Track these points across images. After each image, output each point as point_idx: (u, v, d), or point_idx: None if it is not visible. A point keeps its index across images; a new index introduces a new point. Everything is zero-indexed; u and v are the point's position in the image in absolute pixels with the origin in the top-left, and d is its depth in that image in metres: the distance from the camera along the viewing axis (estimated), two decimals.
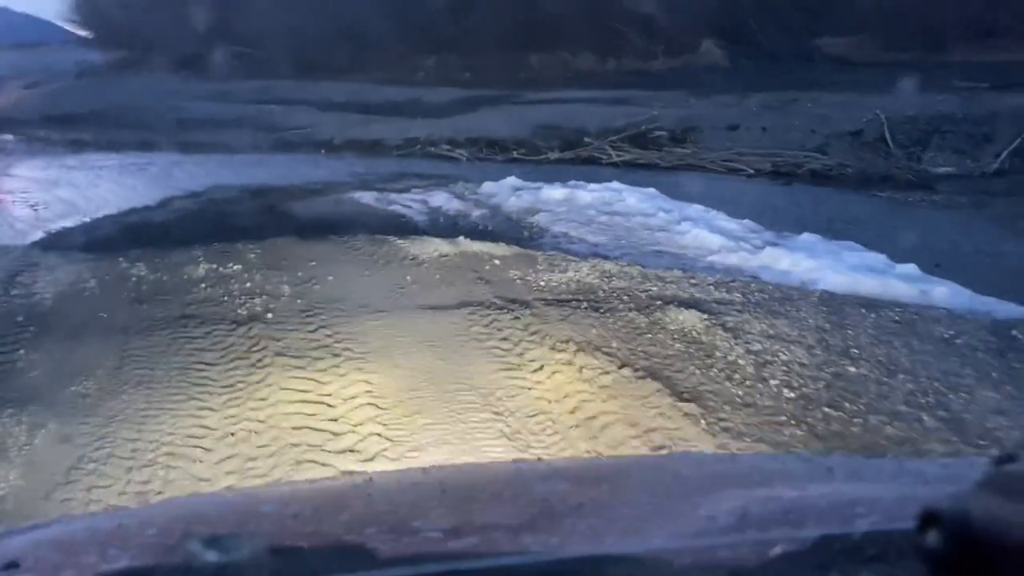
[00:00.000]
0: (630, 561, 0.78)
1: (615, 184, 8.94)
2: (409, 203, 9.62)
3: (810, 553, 0.74)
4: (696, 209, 7.76)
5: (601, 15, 19.14)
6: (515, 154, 13.77)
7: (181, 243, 7.51)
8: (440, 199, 9.62)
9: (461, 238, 6.79)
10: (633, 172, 12.05)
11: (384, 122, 16.27)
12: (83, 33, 42.68)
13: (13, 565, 0.85)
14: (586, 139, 13.58)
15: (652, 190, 8.81)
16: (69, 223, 9.74)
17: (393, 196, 9.85)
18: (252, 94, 21.47)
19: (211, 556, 0.74)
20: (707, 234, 6.65)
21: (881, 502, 0.99)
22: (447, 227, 7.95)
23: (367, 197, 10.04)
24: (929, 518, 0.57)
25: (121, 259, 6.99)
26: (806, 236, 6.70)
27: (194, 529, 0.89)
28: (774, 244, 6.52)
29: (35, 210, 10.65)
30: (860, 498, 1.00)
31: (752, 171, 11.44)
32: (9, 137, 17.18)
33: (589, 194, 8.55)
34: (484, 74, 20.44)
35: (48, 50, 49.29)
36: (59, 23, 48.34)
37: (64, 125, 18.87)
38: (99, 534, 1.04)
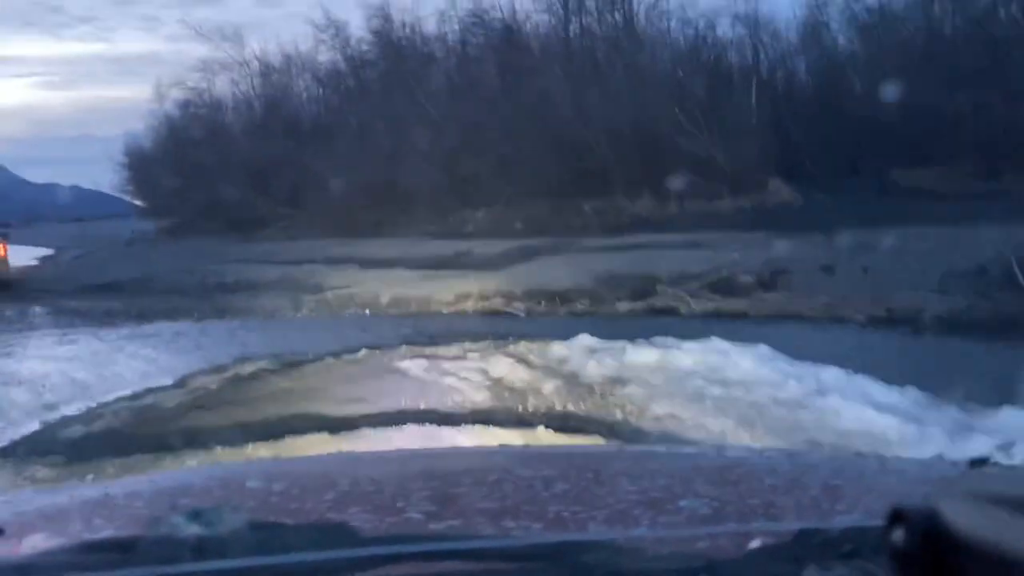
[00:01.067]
0: (610, 548, 0.77)
1: (717, 342, 7.29)
2: (465, 373, 8.05)
3: (787, 546, 0.73)
4: (834, 374, 6.04)
5: (657, 157, 18.13)
6: (579, 306, 12.31)
7: (188, 440, 6.04)
8: (502, 367, 8.04)
9: (540, 429, 5.14)
10: (720, 323, 10.42)
11: (434, 278, 15.04)
12: (140, 203, 43.73)
13: None
14: (658, 287, 12.09)
15: (764, 348, 7.12)
16: (72, 410, 8.34)
17: (446, 365, 8.31)
18: (296, 255, 20.66)
19: (193, 529, 0.74)
20: (870, 413, 4.91)
21: (859, 499, 1.02)
22: (515, 408, 6.31)
23: (415, 367, 8.51)
24: (897, 515, 0.57)
25: (110, 467, 5.54)
26: (1008, 413, 4.91)
27: (179, 502, 0.90)
28: (968, 427, 4.73)
29: (41, 392, 9.34)
30: (841, 494, 1.04)
31: (863, 318, 9.73)
32: (38, 310, 16.30)
33: (687, 356, 6.91)
34: (537, 223, 19.38)
35: (108, 222, 50.84)
36: (121, 196, 50.65)
37: (101, 294, 18.06)
38: (84, 504, 1.06)
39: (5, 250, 19.82)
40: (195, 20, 30.60)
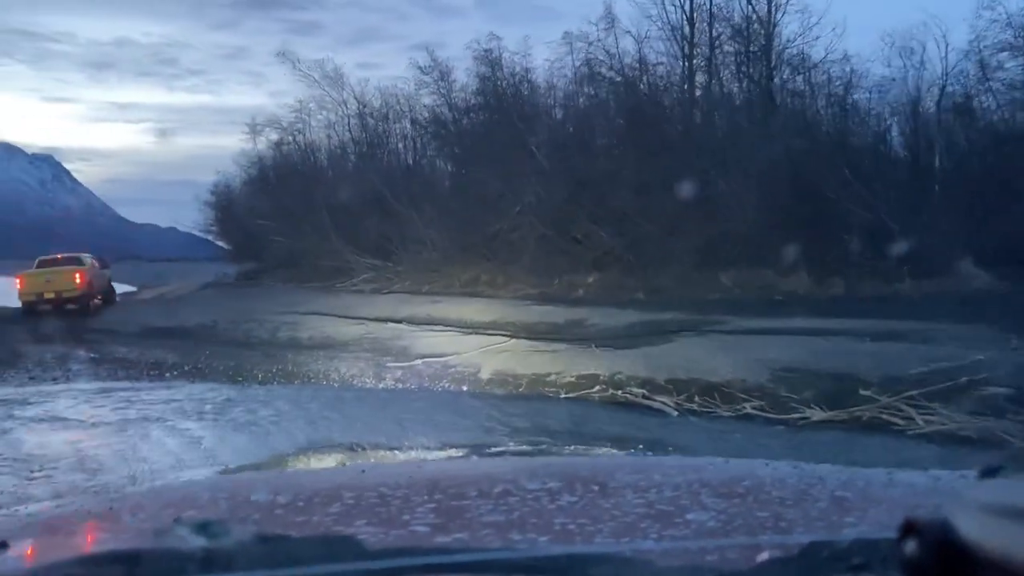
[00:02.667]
0: (617, 561, 0.76)
1: None
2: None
3: (796, 559, 0.73)
4: None
5: (817, 226, 15.03)
6: (748, 408, 9.26)
7: None
8: None
9: None
10: (969, 451, 7.29)
11: (546, 352, 12.21)
12: (225, 246, 42.71)
13: (2, 546, 0.83)
14: (861, 391, 8.96)
15: None
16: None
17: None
18: (381, 311, 18.18)
19: (200, 542, 0.73)
20: None
21: (868, 511, 1.03)
22: None
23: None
24: (909, 527, 0.56)
25: None
26: None
27: (184, 515, 0.89)
28: None
29: (30, 479, 6.80)
30: (849, 507, 1.05)
31: None
32: (83, 354, 14.10)
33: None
34: (662, 294, 16.44)
35: (197, 264, 50.20)
36: (212, 239, 51.31)
37: (161, 340, 15.84)
38: (88, 517, 1.08)
39: (83, 279, 20.17)
40: (297, 59, 28.95)
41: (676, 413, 9.38)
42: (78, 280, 19.93)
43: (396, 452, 6.59)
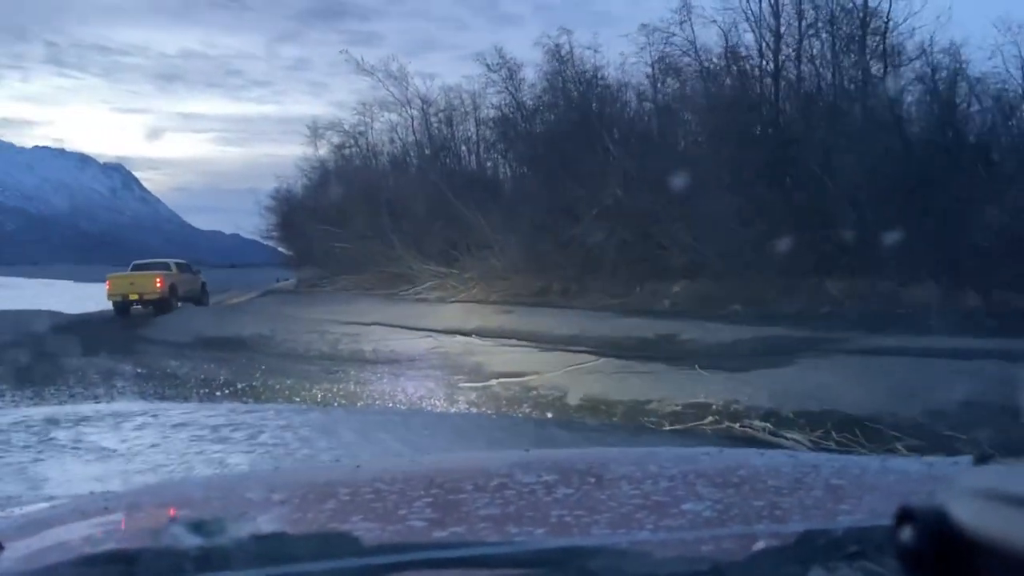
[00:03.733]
0: (614, 552, 0.77)
1: None
2: None
3: (793, 547, 0.73)
4: None
5: (947, 230, 13.15)
6: (901, 448, 7.60)
7: None
8: None
9: None
10: None
11: (642, 373, 10.67)
12: (285, 252, 42.19)
13: None
14: None
15: None
16: None
17: None
18: (449, 321, 16.85)
19: (196, 540, 0.75)
20: None
21: (863, 499, 1.03)
22: None
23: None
24: (905, 514, 0.57)
25: None
26: None
27: (180, 513, 0.92)
28: None
29: None
30: (844, 494, 1.05)
31: None
32: (128, 368, 13.03)
33: None
34: (760, 304, 14.72)
35: (259, 270, 50.02)
36: (274, 246, 52.24)
37: (211, 353, 14.73)
38: (84, 517, 1.04)
39: (163, 283, 22.21)
40: (361, 58, 28.11)
41: (811, 454, 7.74)
42: (158, 284, 21.90)
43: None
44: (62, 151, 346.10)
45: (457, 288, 21.84)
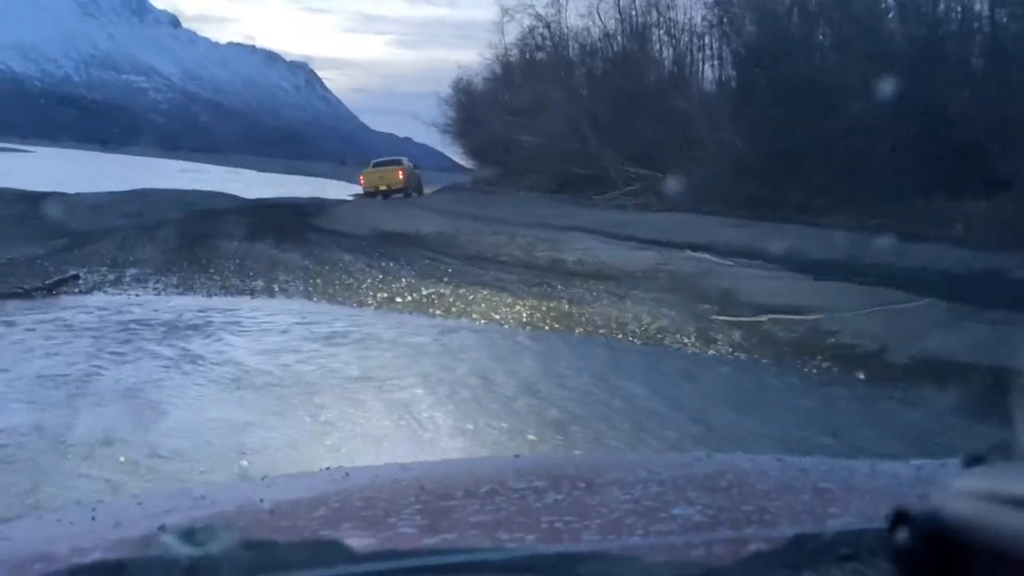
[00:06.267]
0: (604, 558, 0.78)
1: None
2: None
3: (783, 552, 0.74)
4: None
5: None
6: None
7: None
8: None
9: None
10: None
11: (990, 323, 7.32)
12: (461, 152, 40.44)
13: None
14: None
15: None
16: None
17: None
18: (664, 232, 13.85)
19: (185, 550, 0.73)
20: None
21: (854, 502, 1.03)
22: None
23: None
24: (899, 517, 0.57)
25: None
26: None
27: (168, 522, 0.88)
28: None
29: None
30: (833, 498, 1.05)
31: None
32: (295, 260, 10.88)
33: None
34: None
35: (428, 172, 49.17)
36: (443, 151, 52.16)
37: (389, 250, 12.47)
38: (71, 527, 1.05)
39: (404, 175, 25.89)
40: None
41: None
42: (400, 176, 25.83)
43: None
44: (253, 48, 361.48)
45: (659, 195, 18.66)
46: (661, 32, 24.51)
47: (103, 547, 0.89)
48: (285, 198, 24.71)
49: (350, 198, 28.20)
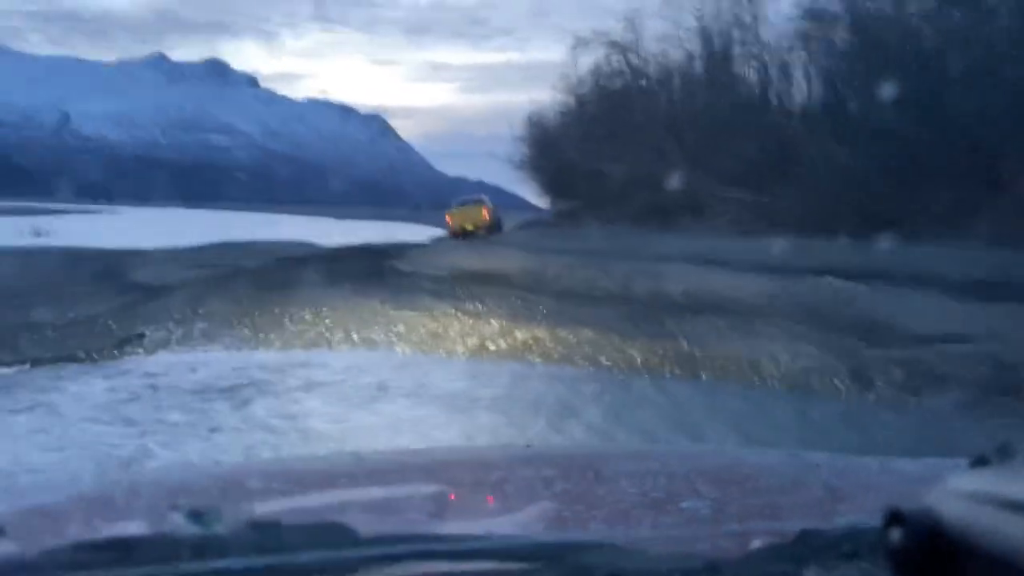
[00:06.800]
0: (611, 548, 0.77)
1: None
2: None
3: (788, 547, 0.73)
4: None
5: None
6: None
7: None
8: None
9: None
10: None
11: None
12: (537, 185, 39.54)
13: None
14: None
15: None
16: None
17: None
18: (755, 254, 12.56)
19: (194, 528, 0.73)
20: None
21: (860, 499, 1.01)
22: None
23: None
24: (894, 516, 0.57)
25: None
26: None
27: (178, 501, 0.86)
28: None
29: None
30: (843, 495, 1.04)
31: None
32: (377, 305, 9.97)
33: None
34: None
35: (502, 211, 48.99)
36: (516, 193, 53.43)
37: (470, 290, 11.48)
38: (83, 504, 1.04)
39: (487, 214, 26.61)
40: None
41: None
42: (485, 215, 26.50)
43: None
44: (327, 103, 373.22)
45: (759, 217, 17.27)
46: (747, 49, 23.26)
47: (115, 524, 0.91)
48: (363, 244, 24.18)
49: (427, 241, 27.69)
